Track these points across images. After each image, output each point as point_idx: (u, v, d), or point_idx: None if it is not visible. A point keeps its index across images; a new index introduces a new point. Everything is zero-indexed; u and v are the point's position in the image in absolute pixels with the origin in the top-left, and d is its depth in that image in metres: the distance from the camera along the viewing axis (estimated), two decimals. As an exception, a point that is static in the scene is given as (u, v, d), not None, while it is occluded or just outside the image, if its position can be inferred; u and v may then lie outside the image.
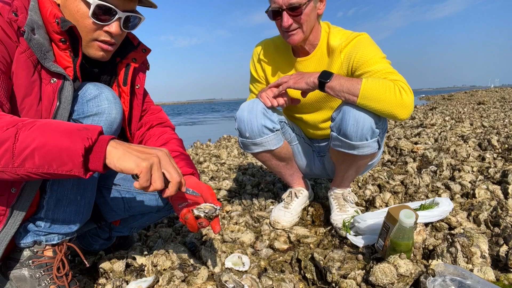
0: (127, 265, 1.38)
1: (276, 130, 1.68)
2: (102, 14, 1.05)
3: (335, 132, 1.54)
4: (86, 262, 1.14)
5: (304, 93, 1.63)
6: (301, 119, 1.89)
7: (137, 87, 1.31)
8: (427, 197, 1.95)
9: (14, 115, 0.88)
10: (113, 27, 1.08)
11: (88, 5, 1.03)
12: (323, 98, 1.76)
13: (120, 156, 0.83)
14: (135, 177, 0.85)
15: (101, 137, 0.85)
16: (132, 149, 0.86)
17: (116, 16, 1.07)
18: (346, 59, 1.61)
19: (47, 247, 1.10)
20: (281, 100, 1.63)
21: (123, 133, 1.32)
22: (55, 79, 1.02)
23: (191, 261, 1.40)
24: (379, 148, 1.57)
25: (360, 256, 1.34)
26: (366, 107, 1.43)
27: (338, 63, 1.63)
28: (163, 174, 0.89)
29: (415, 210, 1.33)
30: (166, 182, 0.90)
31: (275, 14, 1.56)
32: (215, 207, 1.09)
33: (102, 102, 1.11)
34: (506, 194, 1.84)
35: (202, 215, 1.06)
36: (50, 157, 0.81)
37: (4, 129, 0.81)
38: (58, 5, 1.07)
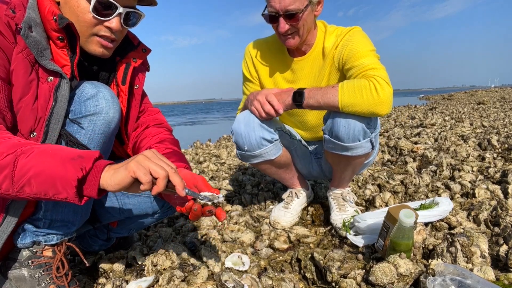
0: (127, 265, 1.38)
1: (275, 141, 1.67)
2: (102, 9, 1.05)
3: (328, 135, 1.54)
4: (86, 262, 1.14)
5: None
6: (296, 123, 1.89)
7: (136, 87, 1.31)
8: (427, 196, 1.95)
9: (15, 137, 0.89)
10: (114, 22, 1.08)
11: (89, 0, 1.03)
12: None
13: (111, 176, 0.86)
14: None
15: (96, 164, 0.87)
16: (119, 164, 0.89)
17: (117, 12, 1.07)
18: (338, 54, 1.62)
19: (46, 247, 1.10)
20: (271, 109, 1.55)
21: (119, 134, 1.31)
22: (51, 77, 1.02)
23: (191, 260, 1.40)
24: (373, 148, 1.57)
25: (360, 256, 1.34)
26: (350, 112, 1.43)
27: (331, 60, 1.65)
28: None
29: (415, 209, 1.33)
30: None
31: (271, 18, 1.55)
32: (215, 195, 1.07)
33: (99, 102, 1.10)
34: (506, 193, 1.84)
35: (209, 203, 1.04)
36: (46, 186, 0.84)
37: (4, 155, 0.83)
38: (58, 3, 1.06)
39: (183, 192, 0.91)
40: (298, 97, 1.48)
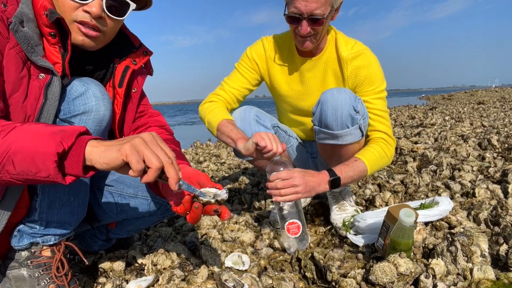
0: (127, 264, 1.38)
1: None
2: None
3: (317, 125, 1.55)
4: (86, 261, 1.13)
5: None
6: (293, 121, 1.89)
7: (133, 90, 1.26)
8: (427, 196, 1.95)
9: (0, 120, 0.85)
10: (93, 7, 1.00)
11: None
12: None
13: (101, 152, 0.79)
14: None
15: (79, 139, 0.81)
16: (114, 141, 0.82)
17: None
18: (352, 74, 1.65)
19: (45, 247, 1.09)
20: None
21: (113, 138, 1.25)
22: (43, 74, 0.98)
23: (191, 260, 1.40)
24: (362, 135, 1.58)
25: (360, 255, 1.34)
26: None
27: (345, 75, 1.68)
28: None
29: (415, 209, 1.33)
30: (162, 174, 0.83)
31: (293, 19, 1.53)
32: (219, 191, 0.98)
33: (89, 100, 1.05)
34: (506, 193, 1.84)
35: (212, 201, 0.93)
36: (26, 164, 0.79)
37: None
38: None
39: (175, 186, 0.83)
40: (335, 184, 1.50)
